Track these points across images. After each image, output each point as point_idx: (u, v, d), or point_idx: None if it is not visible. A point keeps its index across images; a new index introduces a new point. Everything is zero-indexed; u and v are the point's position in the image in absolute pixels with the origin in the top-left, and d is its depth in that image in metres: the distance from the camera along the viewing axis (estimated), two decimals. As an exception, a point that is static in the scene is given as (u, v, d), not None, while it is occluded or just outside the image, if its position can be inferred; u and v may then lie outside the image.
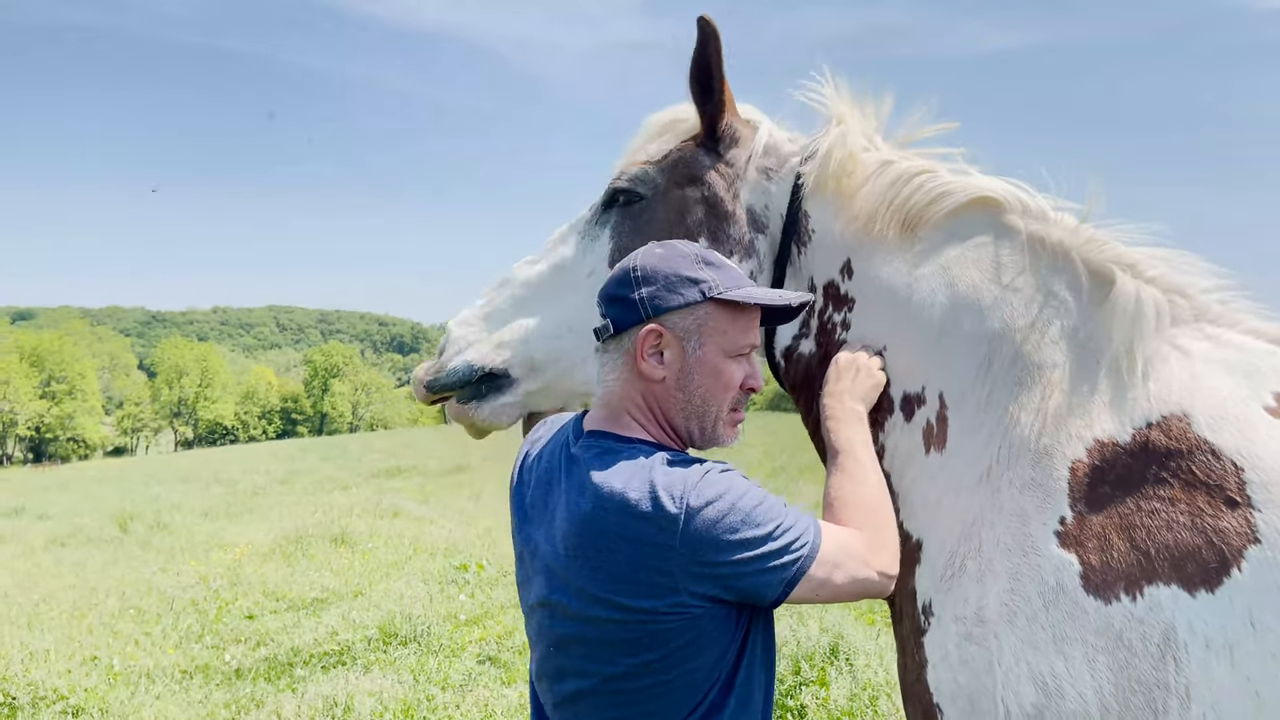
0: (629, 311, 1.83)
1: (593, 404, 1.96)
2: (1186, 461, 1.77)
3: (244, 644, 7.92)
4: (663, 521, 1.67)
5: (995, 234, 2.09)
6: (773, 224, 2.29)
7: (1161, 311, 1.95)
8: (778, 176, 2.31)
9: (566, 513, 1.79)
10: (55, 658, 7.20)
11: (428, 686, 6.53)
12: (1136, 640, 1.68)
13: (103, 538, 14.36)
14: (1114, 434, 1.86)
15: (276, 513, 16.44)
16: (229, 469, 28.73)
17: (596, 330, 1.90)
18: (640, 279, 1.84)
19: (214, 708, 6.29)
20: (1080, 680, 1.70)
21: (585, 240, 2.38)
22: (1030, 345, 1.98)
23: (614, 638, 1.74)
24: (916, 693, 1.95)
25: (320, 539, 12.19)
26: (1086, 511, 1.80)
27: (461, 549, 11.51)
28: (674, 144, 2.37)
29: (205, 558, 11.69)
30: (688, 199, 2.30)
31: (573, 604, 1.76)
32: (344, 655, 7.43)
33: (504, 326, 2.36)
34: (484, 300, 2.42)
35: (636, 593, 1.70)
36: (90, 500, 21.18)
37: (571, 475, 1.83)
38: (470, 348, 2.35)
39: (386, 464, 26.88)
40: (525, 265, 2.45)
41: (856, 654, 6.50)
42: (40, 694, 6.47)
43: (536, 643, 1.91)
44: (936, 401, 2.05)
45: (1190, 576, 1.67)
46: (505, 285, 2.43)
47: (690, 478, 1.72)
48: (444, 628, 7.97)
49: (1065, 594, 1.75)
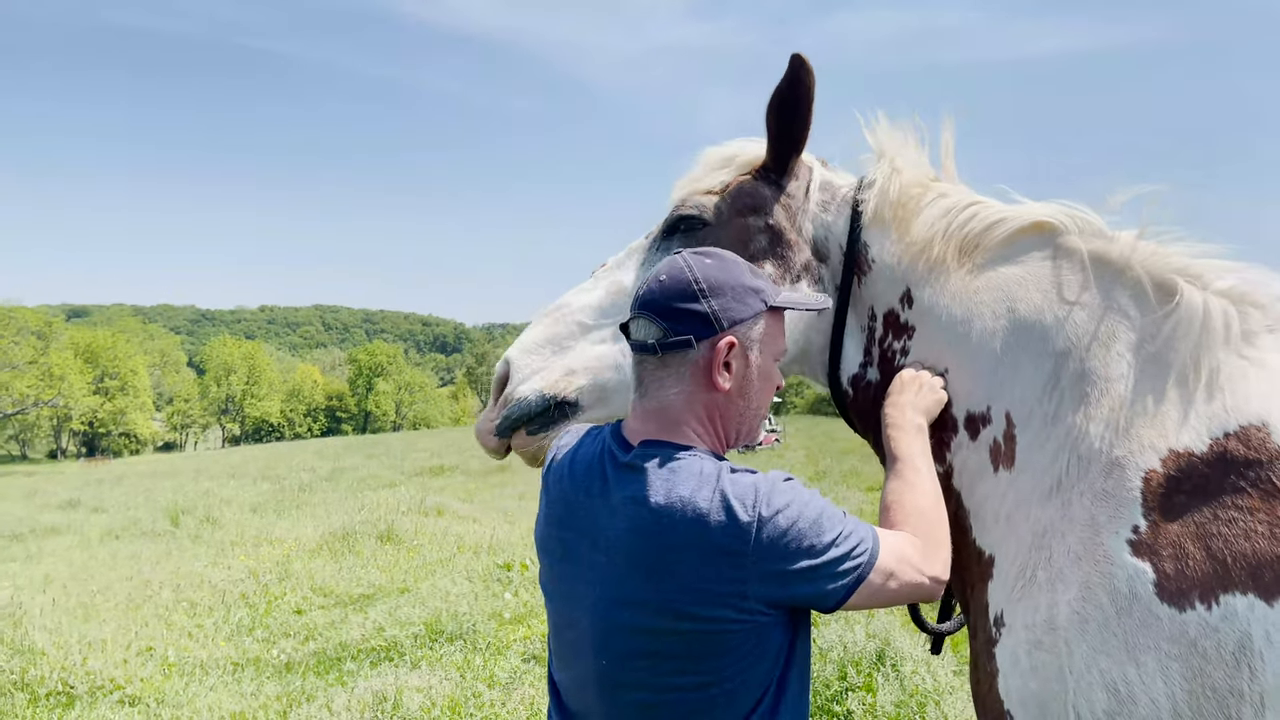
0: (700, 325, 1.82)
1: (634, 414, 1.92)
2: (1266, 471, 1.76)
3: (293, 638, 8.05)
4: (736, 530, 1.68)
5: (1054, 255, 2.12)
6: (833, 255, 2.34)
7: (1231, 322, 1.94)
8: (833, 208, 2.38)
9: (625, 524, 1.76)
10: (112, 648, 7.37)
11: (474, 683, 6.59)
12: (1211, 648, 1.68)
13: (155, 531, 14.66)
14: (1190, 444, 1.85)
15: (323, 509, 16.67)
16: (276, 465, 29.18)
17: (655, 344, 1.84)
18: (706, 291, 1.82)
19: (266, 700, 6.40)
20: (1153, 687, 1.71)
21: (646, 267, 2.37)
22: (1096, 359, 1.99)
23: (680, 649, 1.73)
24: (989, 704, 1.97)
25: (366, 536, 12.34)
26: (1161, 520, 1.80)
27: (505, 548, 11.60)
28: (732, 176, 2.40)
29: (254, 552, 11.91)
30: (750, 227, 2.33)
31: (635, 617, 1.74)
32: (391, 651, 7.52)
33: (569, 353, 2.32)
34: (542, 328, 2.37)
35: (706, 601, 1.70)
36: (143, 494, 21.63)
37: (626, 485, 1.80)
38: (536, 375, 2.30)
39: (430, 463, 27.13)
40: (581, 293, 2.42)
41: (904, 660, 6.45)
42: (98, 683, 6.63)
43: (579, 655, 1.86)
44: (1003, 420, 2.07)
45: (1268, 585, 1.67)
46: (563, 312, 2.38)
47: (760, 486, 1.73)
48: (489, 626, 8.03)
49: (1139, 601, 1.75)
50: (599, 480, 1.86)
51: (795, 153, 2.33)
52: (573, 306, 2.38)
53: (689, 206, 2.35)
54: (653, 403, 1.88)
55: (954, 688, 6.06)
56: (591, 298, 2.38)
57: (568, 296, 2.42)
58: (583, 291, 2.42)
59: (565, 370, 2.29)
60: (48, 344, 75.14)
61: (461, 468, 25.43)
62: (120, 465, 47.77)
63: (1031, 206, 2.19)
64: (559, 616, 1.92)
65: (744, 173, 2.39)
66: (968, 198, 2.25)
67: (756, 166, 2.38)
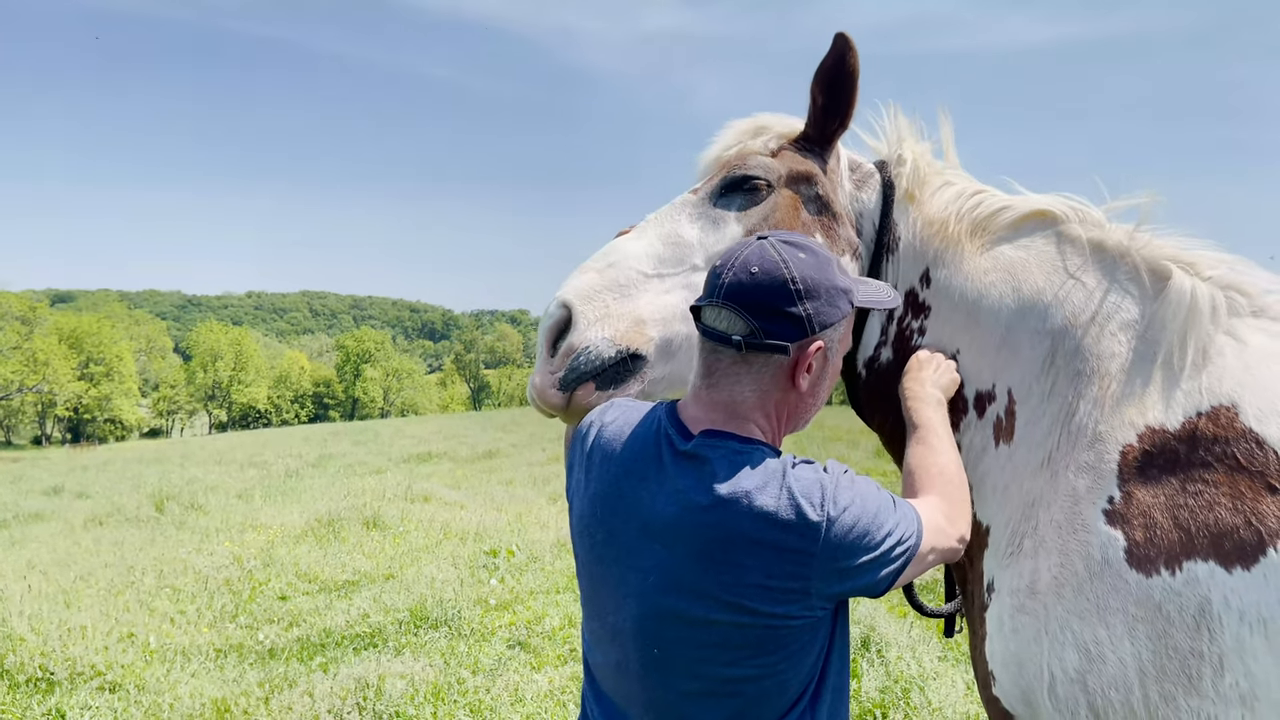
0: (795, 329, 1.76)
1: (697, 400, 1.85)
2: (1232, 448, 1.87)
3: (277, 624, 8.01)
4: (805, 529, 1.67)
5: (1056, 240, 2.24)
6: (865, 232, 2.39)
7: (1217, 305, 2.05)
8: (867, 185, 2.43)
9: (686, 515, 1.72)
10: (93, 634, 7.30)
11: (458, 670, 6.57)
12: (1174, 611, 1.78)
13: (140, 517, 14.56)
14: (1164, 421, 1.97)
15: (309, 495, 16.59)
16: (262, 452, 29.05)
17: (741, 341, 1.76)
18: (803, 293, 1.76)
19: (248, 686, 6.36)
20: (1121, 647, 1.82)
21: (705, 221, 2.28)
22: (1091, 338, 2.10)
23: (736, 641, 1.72)
24: (978, 664, 2.10)
25: (352, 522, 12.29)
26: (1135, 492, 1.91)
27: (492, 534, 11.57)
28: (775, 144, 2.39)
29: (239, 538, 11.83)
30: (802, 195, 2.33)
31: (693, 608, 1.72)
32: (375, 637, 7.49)
33: (634, 300, 2.14)
34: (597, 274, 2.16)
35: (769, 599, 1.69)
36: (128, 480, 21.49)
37: (687, 475, 1.75)
38: (602, 322, 2.09)
39: (418, 449, 27.04)
40: (632, 240, 2.26)
41: (889, 646, 6.46)
42: (78, 669, 6.57)
43: (622, 641, 1.82)
44: (1005, 397, 2.18)
45: (1228, 553, 1.77)
46: (618, 257, 2.20)
47: (826, 483, 1.73)
48: (474, 612, 8.01)
49: (1110, 567, 1.87)
50: (654, 465, 1.81)
51: (841, 127, 2.35)
52: (629, 253, 2.21)
53: (754, 167, 2.30)
54: (722, 395, 1.82)
55: (939, 673, 6.07)
56: (647, 246, 2.24)
57: (618, 244, 2.27)
58: (635, 240, 2.26)
59: (634, 319, 2.12)
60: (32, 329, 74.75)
61: (449, 454, 25.36)
62: (106, 451, 47.51)
63: (1034, 196, 2.31)
64: (601, 600, 1.87)
65: (785, 141, 2.39)
66: (974, 185, 2.39)
67: (792, 138, 2.39)
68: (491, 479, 18.51)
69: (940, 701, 5.63)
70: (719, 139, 2.45)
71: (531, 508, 13.68)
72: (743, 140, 2.40)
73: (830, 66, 2.23)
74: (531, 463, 21.65)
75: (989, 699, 2.06)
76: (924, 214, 2.34)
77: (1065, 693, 1.87)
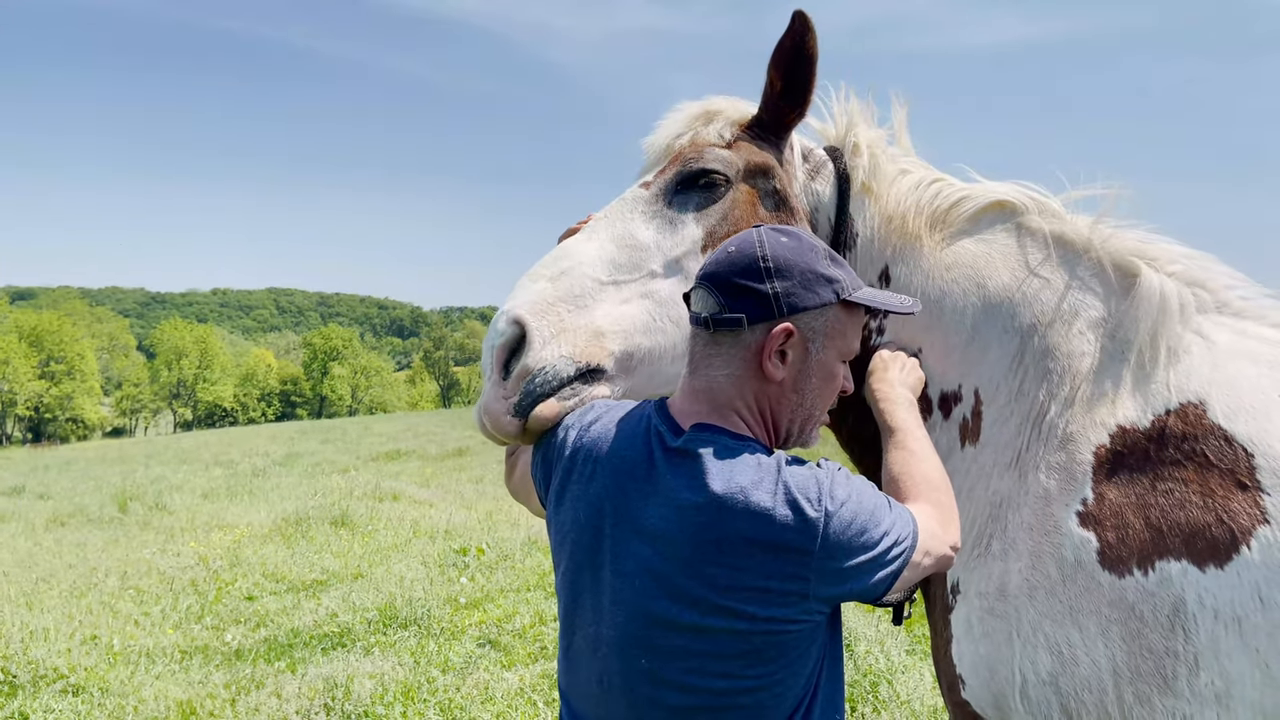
0: (759, 307, 1.68)
1: (683, 393, 1.79)
2: (1201, 446, 1.86)
3: (244, 625, 7.93)
4: (803, 526, 1.59)
5: (1018, 234, 2.18)
6: (821, 226, 2.28)
7: (1185, 303, 2.04)
8: (821, 176, 2.29)
9: (678, 515, 1.64)
10: (55, 636, 7.21)
11: (428, 669, 6.53)
12: (1148, 611, 1.77)
13: (103, 518, 14.36)
14: (1135, 420, 1.94)
15: (276, 495, 16.44)
16: (229, 451, 28.74)
17: (708, 319, 1.71)
18: (772, 271, 1.69)
19: (214, 688, 6.29)
20: (1094, 649, 1.81)
21: (660, 222, 2.14)
22: (1059, 337, 2.06)
23: (731, 649, 1.63)
24: (944, 667, 2.06)
25: (320, 521, 12.20)
26: (1107, 492, 1.89)
27: (461, 533, 11.52)
28: (729, 132, 2.23)
29: (205, 539, 11.71)
30: (759, 190, 2.20)
31: (684, 613, 1.63)
32: (344, 637, 7.44)
33: (590, 312, 1.98)
34: (549, 284, 2.00)
35: (767, 601, 1.61)
36: (91, 480, 21.18)
37: (678, 473, 1.67)
38: (558, 338, 1.93)
39: (386, 447, 26.87)
40: (584, 243, 2.10)
41: (858, 641, 6.50)
42: (40, 672, 6.48)
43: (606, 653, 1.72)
44: (972, 398, 2.13)
45: (1200, 552, 1.76)
46: (571, 264, 2.04)
47: (822, 479, 1.64)
48: (444, 611, 7.97)
49: (1082, 569, 1.85)
50: (644, 464, 1.71)
51: (798, 114, 2.21)
52: (582, 259, 2.05)
53: (710, 160, 2.15)
54: (701, 381, 1.76)
55: (907, 667, 6.12)
56: (600, 249, 2.08)
57: (570, 247, 2.10)
58: (586, 242, 2.10)
59: (592, 332, 1.96)
60: (-9, 327, 73.25)
61: (418, 452, 25.23)
62: (68, 451, 46.81)
63: (991, 185, 2.24)
64: (582, 611, 1.77)
65: (739, 129, 2.24)
66: (930, 173, 2.28)
67: (745, 124, 2.24)
68: (461, 477, 18.43)
69: (908, 694, 5.68)
70: (667, 124, 2.28)
71: (502, 505, 13.63)
72: (694, 127, 2.24)
73: (789, 48, 2.10)
74: (502, 460, 21.38)
75: (957, 703, 2.02)
76: (881, 208, 2.23)
77: (1038, 695, 1.85)
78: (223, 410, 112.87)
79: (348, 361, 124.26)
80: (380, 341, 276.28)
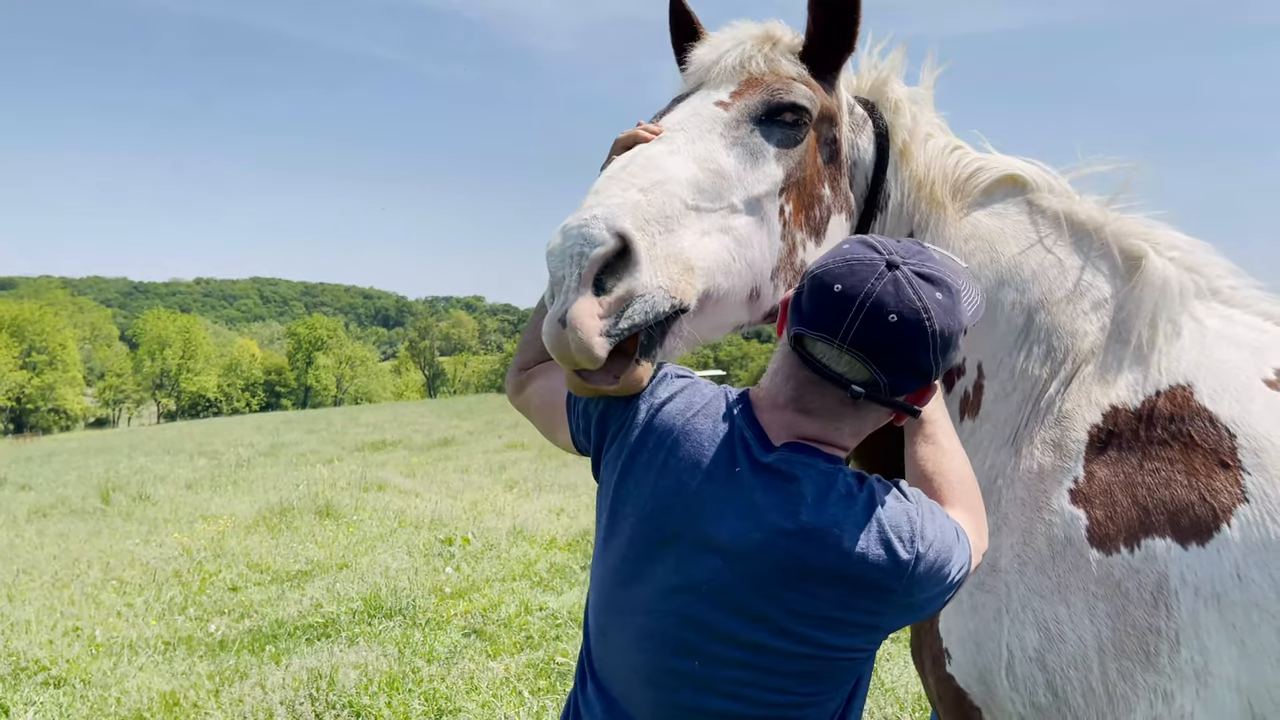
0: (918, 380, 1.61)
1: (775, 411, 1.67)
2: (1187, 426, 1.89)
3: (228, 616, 7.89)
4: (894, 568, 1.55)
5: (1029, 211, 2.17)
6: (859, 184, 2.16)
7: (1185, 288, 2.07)
8: (864, 131, 2.17)
9: (761, 535, 1.57)
10: (37, 629, 7.16)
11: (413, 659, 6.52)
12: (1133, 588, 1.80)
13: (86, 509, 14.26)
14: (1127, 400, 1.98)
15: (261, 485, 16.35)
16: (213, 441, 28.57)
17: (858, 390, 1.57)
18: (940, 346, 1.57)
19: (197, 679, 6.26)
20: (1080, 625, 1.83)
21: (741, 150, 1.92)
22: (1065, 316, 2.08)
23: (789, 669, 1.61)
24: (927, 641, 2.07)
25: (305, 511, 12.15)
26: (1097, 471, 1.92)
27: (447, 522, 11.49)
28: (796, 61, 2.03)
29: (189, 529, 11.64)
30: (821, 136, 2.05)
31: (746, 630, 1.59)
32: (328, 628, 7.41)
33: (678, 239, 1.75)
34: (641, 194, 1.73)
35: (837, 631, 1.59)
36: (73, 471, 21.02)
37: (768, 492, 1.59)
38: (655, 265, 1.68)
39: (371, 437, 26.77)
40: (669, 156, 1.84)
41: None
42: (21, 665, 6.43)
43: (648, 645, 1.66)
44: (975, 372, 2.14)
45: (1184, 530, 1.79)
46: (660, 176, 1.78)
47: (913, 516, 1.60)
48: (429, 601, 7.96)
49: (1072, 546, 1.87)
50: (726, 469, 1.62)
51: (849, 48, 2.03)
52: (671, 174, 1.80)
53: (802, 96, 1.96)
54: (814, 426, 1.65)
55: (891, 654, 6.15)
56: (685, 168, 1.83)
57: (655, 158, 1.82)
58: (671, 155, 1.85)
59: (683, 265, 1.74)
60: (-30, 317, 72.58)
61: (404, 442, 25.14)
62: (50, 442, 46.42)
63: (1003, 158, 2.21)
64: (633, 596, 1.68)
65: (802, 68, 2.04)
66: (951, 140, 2.24)
67: (799, 53, 2.05)
68: (447, 466, 18.40)
69: (893, 682, 5.71)
70: (725, 40, 2.08)
71: (488, 495, 13.62)
72: (763, 49, 2.03)
73: None
74: (488, 450, 21.54)
75: (941, 677, 2.03)
76: (913, 171, 2.15)
77: (1024, 672, 1.87)
78: (206, 401, 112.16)
79: (333, 351, 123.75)
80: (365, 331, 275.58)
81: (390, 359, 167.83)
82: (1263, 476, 1.80)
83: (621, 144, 1.94)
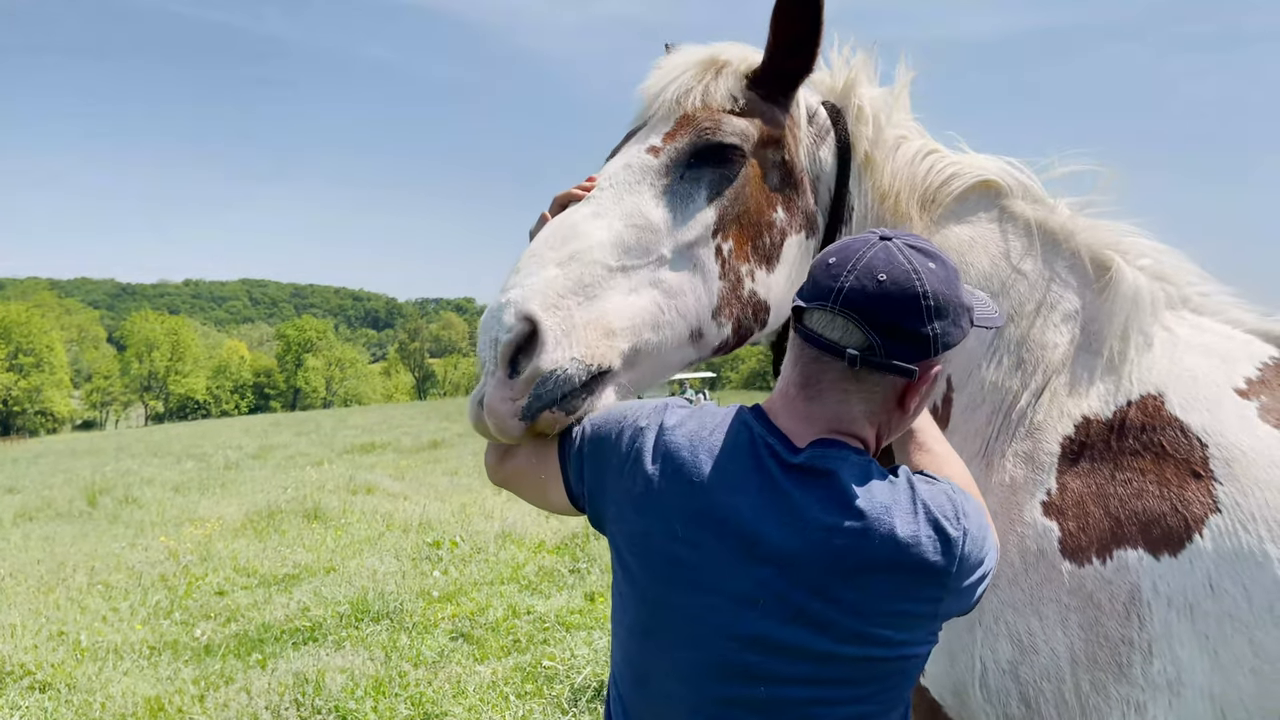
0: (917, 349, 1.57)
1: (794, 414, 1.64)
2: (1158, 436, 1.89)
3: (214, 620, 7.87)
4: (946, 548, 1.52)
5: (1000, 219, 2.15)
6: (821, 198, 2.13)
7: (1156, 298, 2.07)
8: (825, 143, 2.12)
9: (809, 535, 1.52)
10: (22, 633, 7.13)
11: (400, 663, 6.51)
12: (1105, 599, 1.79)
13: (72, 512, 14.22)
14: (1099, 411, 1.97)
15: (249, 488, 16.32)
16: (201, 444, 28.49)
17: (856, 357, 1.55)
18: (934, 310, 1.56)
19: (182, 684, 6.24)
20: (1053, 637, 1.82)
21: (671, 199, 1.93)
22: (1036, 328, 2.07)
23: (863, 675, 1.55)
24: None
25: (293, 515, 12.13)
26: (1069, 482, 1.91)
27: (435, 526, 11.48)
28: (738, 88, 2.02)
29: (176, 533, 11.60)
30: (768, 161, 2.02)
31: (814, 640, 1.52)
32: (315, 632, 7.40)
33: (599, 304, 1.79)
34: (558, 269, 1.78)
35: (902, 625, 1.54)
36: (60, 474, 20.94)
37: (806, 491, 1.55)
38: (568, 337, 1.74)
39: (360, 440, 26.73)
40: (591, 220, 1.88)
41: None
42: (6, 669, 6.41)
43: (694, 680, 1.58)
44: (944, 384, 2.11)
45: (1155, 540, 1.79)
46: (580, 247, 1.83)
47: (952, 495, 1.59)
48: (417, 604, 7.95)
49: (1045, 558, 1.86)
50: (755, 477, 1.58)
51: (806, 70, 2.01)
52: (592, 241, 1.83)
53: (730, 133, 1.95)
54: (826, 410, 1.62)
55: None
56: (609, 230, 1.86)
57: (578, 225, 1.86)
58: (594, 219, 1.88)
59: (603, 330, 1.77)
60: (-43, 319, 72.12)
61: (393, 445, 25.11)
62: (37, 444, 46.19)
63: (978, 160, 2.18)
64: (671, 631, 1.61)
65: (745, 85, 2.03)
66: (926, 144, 2.19)
67: (752, 77, 2.04)
68: (436, 469, 18.37)
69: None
70: (671, 70, 2.06)
71: (476, 498, 13.59)
72: (704, 80, 2.02)
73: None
74: (477, 452, 21.46)
75: (916, 689, 2.02)
76: (876, 182, 2.11)
77: (997, 684, 1.86)
78: (195, 403, 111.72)
79: (322, 353, 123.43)
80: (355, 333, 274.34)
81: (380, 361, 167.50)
82: (1234, 486, 1.79)
83: (559, 202, 2.00)
